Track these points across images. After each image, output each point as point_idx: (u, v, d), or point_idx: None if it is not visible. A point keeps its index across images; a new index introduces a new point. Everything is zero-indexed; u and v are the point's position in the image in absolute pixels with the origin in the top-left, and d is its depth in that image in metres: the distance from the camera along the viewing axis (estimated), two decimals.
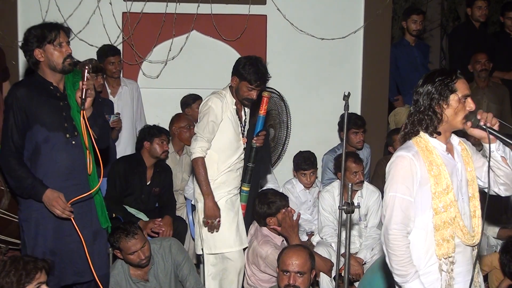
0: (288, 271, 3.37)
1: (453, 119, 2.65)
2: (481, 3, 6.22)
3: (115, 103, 5.36)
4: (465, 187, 2.73)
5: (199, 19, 5.84)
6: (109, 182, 4.65)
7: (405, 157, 2.64)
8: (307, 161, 5.03)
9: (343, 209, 3.16)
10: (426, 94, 2.65)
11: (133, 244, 3.69)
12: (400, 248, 2.62)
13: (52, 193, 3.29)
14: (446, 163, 2.66)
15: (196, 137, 3.96)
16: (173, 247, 3.90)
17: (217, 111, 3.95)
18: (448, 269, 2.65)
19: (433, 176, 2.63)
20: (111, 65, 5.35)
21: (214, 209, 3.93)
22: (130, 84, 5.58)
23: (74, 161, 3.37)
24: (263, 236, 4.12)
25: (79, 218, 3.39)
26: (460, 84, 2.64)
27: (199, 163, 3.91)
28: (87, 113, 3.27)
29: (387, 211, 2.66)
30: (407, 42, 6.22)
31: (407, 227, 2.64)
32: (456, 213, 2.64)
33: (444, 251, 2.64)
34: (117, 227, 3.77)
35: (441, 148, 2.69)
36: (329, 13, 6.14)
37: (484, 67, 5.87)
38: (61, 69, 3.32)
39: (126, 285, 3.76)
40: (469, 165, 2.74)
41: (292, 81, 6.14)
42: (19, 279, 2.75)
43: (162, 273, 3.84)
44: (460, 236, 2.66)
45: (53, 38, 3.27)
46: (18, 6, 5.64)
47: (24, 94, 3.31)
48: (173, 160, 5.29)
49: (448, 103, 2.63)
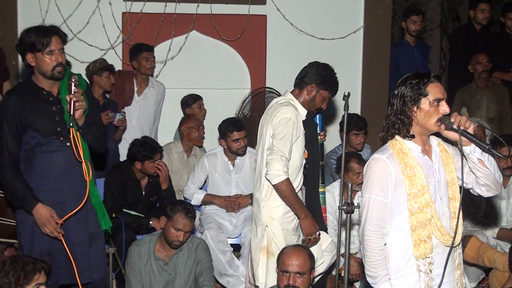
0: (287, 271, 3.38)
1: (425, 122, 2.66)
2: (484, 6, 6.23)
3: (137, 102, 5.39)
4: (444, 188, 2.74)
5: (198, 19, 5.84)
6: (106, 192, 4.62)
7: (379, 160, 2.67)
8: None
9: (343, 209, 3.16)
10: (399, 97, 2.68)
11: (185, 224, 3.79)
12: (373, 250, 2.66)
13: (43, 211, 3.29)
14: (422, 164, 2.68)
15: (277, 156, 3.52)
16: (200, 246, 3.98)
17: (297, 126, 3.60)
18: (426, 269, 2.68)
19: (408, 177, 2.65)
20: (145, 61, 5.36)
21: (314, 224, 3.66)
22: (157, 86, 5.58)
23: (69, 162, 3.36)
24: None
25: (75, 220, 3.39)
26: (432, 88, 2.65)
27: (285, 184, 3.53)
28: (79, 122, 3.27)
29: (363, 213, 2.70)
30: (407, 42, 6.21)
31: (382, 229, 2.67)
32: (433, 214, 2.66)
33: (421, 251, 2.66)
34: (181, 202, 3.98)
35: (416, 150, 2.70)
36: (329, 13, 6.14)
37: (485, 68, 5.88)
38: (50, 76, 3.31)
39: (147, 258, 3.85)
40: (448, 166, 2.75)
41: (291, 81, 6.07)
42: (18, 280, 2.75)
43: (182, 265, 3.90)
44: (438, 237, 2.68)
45: (44, 46, 3.24)
46: (18, 6, 5.65)
47: (16, 101, 3.31)
48: (181, 160, 5.30)
49: (419, 106, 2.65)
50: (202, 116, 5.71)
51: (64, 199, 3.40)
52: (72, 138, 3.25)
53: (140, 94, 5.45)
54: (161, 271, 3.88)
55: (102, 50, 5.70)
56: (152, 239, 3.92)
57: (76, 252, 3.41)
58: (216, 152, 5.05)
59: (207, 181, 5.08)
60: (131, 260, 3.87)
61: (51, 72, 3.29)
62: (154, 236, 3.96)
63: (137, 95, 5.43)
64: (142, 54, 5.35)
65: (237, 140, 4.86)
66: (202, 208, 5.08)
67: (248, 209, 4.96)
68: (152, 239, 3.92)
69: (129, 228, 4.52)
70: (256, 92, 5.75)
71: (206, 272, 3.95)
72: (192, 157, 5.34)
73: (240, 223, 4.93)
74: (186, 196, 5.03)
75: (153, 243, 3.89)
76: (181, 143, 5.32)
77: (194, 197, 4.98)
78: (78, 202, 3.38)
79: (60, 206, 3.40)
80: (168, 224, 3.83)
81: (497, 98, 5.94)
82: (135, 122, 5.39)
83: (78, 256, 3.41)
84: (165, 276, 3.88)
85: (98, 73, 5.01)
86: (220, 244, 4.65)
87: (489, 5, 6.28)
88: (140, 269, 3.85)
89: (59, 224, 3.31)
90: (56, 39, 3.26)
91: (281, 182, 3.53)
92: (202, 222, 4.88)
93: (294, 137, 3.58)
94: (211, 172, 5.01)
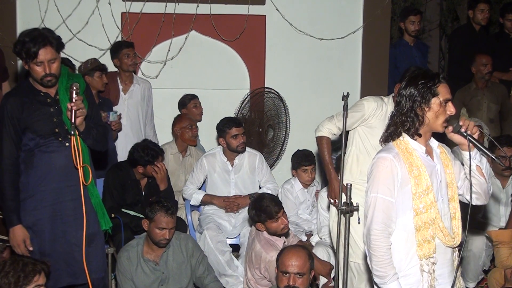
0: (287, 272, 3.37)
1: (433, 122, 2.69)
2: (483, 6, 6.23)
3: (125, 100, 5.37)
4: (444, 188, 2.76)
5: (198, 19, 5.84)
6: (105, 192, 4.63)
7: (386, 159, 2.68)
8: (308, 157, 5.06)
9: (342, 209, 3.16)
10: (408, 96, 2.69)
11: (168, 221, 3.80)
12: (381, 249, 2.65)
13: (19, 233, 3.34)
14: (425, 164, 2.70)
15: (331, 118, 3.86)
16: (189, 243, 4.01)
17: (366, 112, 3.79)
18: (429, 269, 2.68)
19: (414, 177, 2.66)
20: (126, 57, 5.32)
21: (334, 191, 3.87)
22: (142, 83, 5.56)
23: (68, 163, 3.36)
24: (266, 240, 4.08)
25: (72, 220, 3.39)
26: (442, 88, 2.68)
27: (324, 141, 3.84)
28: (80, 128, 3.27)
29: (368, 212, 2.70)
30: (406, 42, 6.21)
31: (388, 228, 2.67)
32: (436, 214, 2.68)
33: (425, 251, 2.67)
34: (158, 201, 3.92)
35: (420, 150, 2.72)
36: (328, 13, 6.14)
37: (490, 70, 5.85)
38: (41, 84, 3.32)
39: (137, 262, 3.86)
40: (448, 167, 2.78)
41: (291, 81, 6.14)
42: (17, 281, 2.76)
43: (174, 262, 3.91)
44: (441, 237, 2.69)
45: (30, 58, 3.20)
46: (17, 6, 5.63)
47: (14, 104, 3.32)
48: (176, 161, 5.29)
49: (429, 106, 2.67)
50: (199, 115, 5.70)
51: (63, 199, 3.41)
52: (72, 145, 3.25)
53: (126, 92, 5.41)
54: (153, 271, 3.88)
55: (102, 50, 5.69)
56: (139, 243, 3.93)
57: (74, 252, 3.41)
58: (215, 152, 5.05)
59: (206, 181, 5.08)
60: (121, 266, 3.87)
61: (41, 81, 3.29)
62: (141, 239, 3.96)
63: (123, 93, 5.40)
64: (122, 51, 5.32)
65: (236, 136, 4.86)
66: (201, 208, 5.08)
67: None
68: (139, 242, 3.93)
69: (128, 228, 4.52)
70: (255, 92, 5.75)
71: (208, 271, 3.99)
72: (188, 157, 5.33)
73: (239, 223, 4.93)
74: (185, 196, 5.03)
75: (141, 247, 3.90)
76: (176, 143, 5.31)
77: (193, 197, 4.98)
78: (76, 202, 3.39)
79: (59, 206, 3.41)
80: (151, 225, 3.84)
81: (496, 98, 5.94)
82: (125, 121, 5.35)
83: (76, 255, 3.41)
84: (158, 275, 3.89)
85: (89, 74, 4.96)
86: (219, 244, 4.65)
87: (488, 5, 6.28)
88: (132, 273, 3.85)
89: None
90: (45, 50, 3.19)
91: (321, 136, 3.85)
92: (201, 222, 4.88)
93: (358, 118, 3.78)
94: (210, 172, 5.01)
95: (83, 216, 3.40)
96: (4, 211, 3.39)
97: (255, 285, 4.10)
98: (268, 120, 5.71)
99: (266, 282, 4.03)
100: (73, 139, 3.24)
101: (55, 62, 3.26)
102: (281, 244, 4.10)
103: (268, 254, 3.97)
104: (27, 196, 3.39)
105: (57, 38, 3.28)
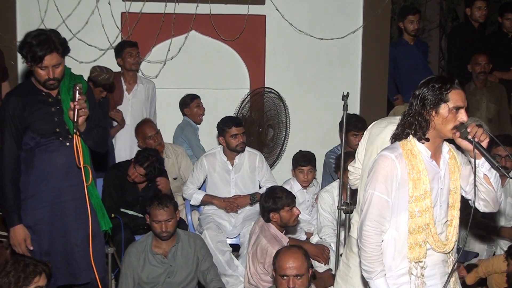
0: (286, 275, 3.35)
1: (442, 127, 2.63)
2: (480, 4, 6.22)
3: (129, 100, 5.39)
4: (445, 195, 2.74)
5: (198, 19, 5.83)
6: (104, 193, 4.62)
7: (388, 158, 2.66)
8: (305, 158, 5.05)
9: (342, 209, 3.16)
10: (420, 98, 2.65)
11: (160, 214, 3.89)
12: (371, 245, 2.66)
13: (20, 232, 3.34)
14: (429, 169, 2.67)
15: None
16: (198, 241, 4.10)
17: None
18: (417, 273, 2.69)
19: (412, 180, 2.65)
20: (129, 56, 5.36)
21: None
22: (146, 83, 5.58)
23: (69, 162, 3.37)
24: (273, 236, 4.09)
25: (73, 220, 3.39)
26: (454, 95, 2.61)
27: None
28: (82, 128, 3.28)
29: (364, 207, 2.70)
30: (406, 41, 6.20)
31: (381, 226, 2.67)
32: (430, 220, 2.67)
33: (415, 255, 2.67)
34: (155, 195, 4.10)
35: (426, 154, 2.69)
36: (328, 13, 6.14)
37: (483, 70, 5.85)
38: (43, 86, 3.33)
39: (145, 255, 3.95)
40: (454, 174, 2.74)
41: (291, 81, 6.14)
42: (17, 281, 2.76)
43: (182, 257, 4.00)
44: (431, 243, 2.69)
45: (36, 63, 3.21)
46: (17, 6, 5.62)
47: (15, 103, 3.33)
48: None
49: (437, 111, 2.62)
50: (201, 115, 5.73)
51: (63, 199, 3.41)
52: (75, 145, 3.26)
53: (130, 92, 5.44)
54: (161, 263, 3.96)
55: (101, 50, 5.69)
56: (148, 238, 4.03)
57: (75, 252, 3.42)
58: (215, 152, 5.05)
59: (206, 181, 5.08)
60: (128, 258, 3.95)
61: (43, 84, 3.30)
62: (149, 235, 4.05)
63: (127, 93, 5.43)
64: (125, 50, 5.36)
65: (235, 136, 4.86)
66: (201, 208, 5.08)
67: (247, 209, 4.97)
68: (148, 237, 4.04)
69: (128, 228, 4.53)
70: (255, 92, 5.75)
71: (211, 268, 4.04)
72: (165, 159, 5.24)
73: (239, 223, 4.93)
74: (185, 196, 5.03)
75: (150, 241, 4.00)
76: None
77: (193, 197, 4.98)
78: (76, 202, 3.39)
79: (60, 206, 3.41)
80: (150, 220, 3.96)
81: (495, 98, 5.94)
82: (129, 121, 5.38)
83: (76, 256, 3.41)
84: (166, 267, 3.96)
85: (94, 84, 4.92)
86: (219, 244, 4.66)
87: (485, 2, 6.25)
88: (137, 266, 3.93)
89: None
90: (51, 56, 3.20)
91: None
92: (201, 222, 4.88)
93: None
94: (210, 172, 5.01)
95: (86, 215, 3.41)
96: (5, 211, 3.39)
97: (257, 280, 4.10)
98: (268, 120, 5.71)
99: (269, 278, 4.04)
100: (75, 138, 3.24)
101: (59, 66, 3.28)
102: (285, 242, 4.11)
103: (274, 249, 3.97)
104: (27, 196, 3.40)
105: (63, 43, 3.28)
